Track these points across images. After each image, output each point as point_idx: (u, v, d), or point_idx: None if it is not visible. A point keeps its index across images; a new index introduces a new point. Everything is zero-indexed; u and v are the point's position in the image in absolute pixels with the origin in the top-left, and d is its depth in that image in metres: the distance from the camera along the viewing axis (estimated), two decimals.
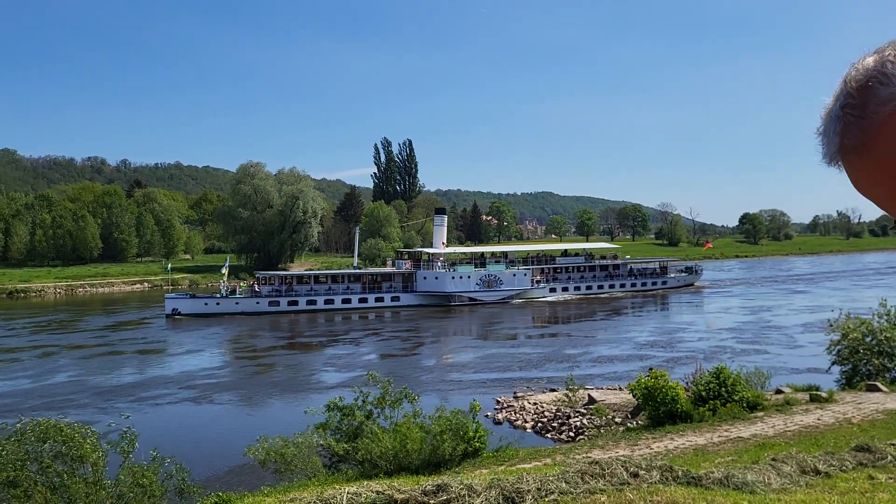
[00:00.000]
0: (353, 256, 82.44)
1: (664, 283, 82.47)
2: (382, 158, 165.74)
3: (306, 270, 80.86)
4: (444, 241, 77.17)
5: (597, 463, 9.53)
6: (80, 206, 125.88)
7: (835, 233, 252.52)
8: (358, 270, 71.59)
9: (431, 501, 7.96)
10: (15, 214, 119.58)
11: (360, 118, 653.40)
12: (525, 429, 23.87)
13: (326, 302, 64.96)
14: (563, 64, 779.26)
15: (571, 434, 22.52)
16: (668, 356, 37.79)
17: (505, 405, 26.98)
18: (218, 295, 63.97)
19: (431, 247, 76.24)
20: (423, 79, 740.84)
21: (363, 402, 16.27)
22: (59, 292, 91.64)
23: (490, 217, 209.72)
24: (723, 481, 9.61)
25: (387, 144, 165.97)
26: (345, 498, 7.94)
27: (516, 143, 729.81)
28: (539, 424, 24.11)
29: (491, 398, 28.17)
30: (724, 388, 19.56)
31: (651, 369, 24.89)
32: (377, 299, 66.69)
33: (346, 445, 14.88)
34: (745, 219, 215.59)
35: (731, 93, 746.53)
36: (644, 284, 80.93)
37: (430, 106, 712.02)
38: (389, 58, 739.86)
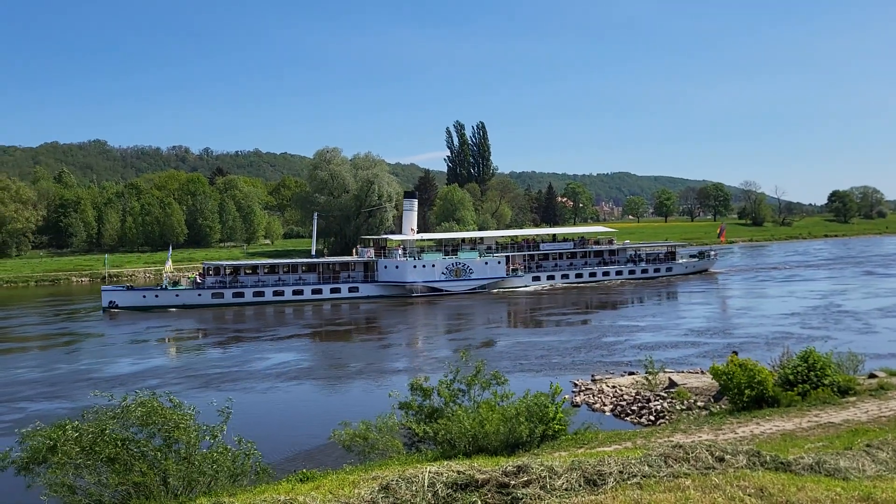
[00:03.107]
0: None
1: (669, 269, 75.20)
2: (455, 142, 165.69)
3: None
4: (414, 228, 70.56)
5: (680, 447, 9.35)
6: (166, 193, 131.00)
7: None
8: (314, 259, 66.58)
9: (512, 482, 7.97)
10: (107, 203, 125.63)
11: (435, 102, 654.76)
12: (604, 412, 23.65)
13: (276, 294, 61.16)
14: (639, 39, 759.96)
15: (652, 418, 22.19)
16: (727, 342, 35.80)
17: (583, 388, 26.81)
18: (158, 287, 61.41)
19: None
20: (497, 61, 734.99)
21: (452, 379, 16.24)
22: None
23: (565, 199, 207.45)
24: (814, 467, 9.31)
25: (459, 128, 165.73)
26: (427, 477, 8.03)
27: (592, 122, 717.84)
28: (618, 408, 23.85)
29: (567, 381, 28.00)
30: (813, 372, 18.89)
31: (734, 353, 24.27)
32: (333, 290, 62.51)
33: (426, 427, 15.06)
34: (835, 196, 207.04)
35: (819, 64, 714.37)
36: (645, 271, 73.73)
37: (504, 87, 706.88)
38: (462, 40, 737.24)
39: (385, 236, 72.40)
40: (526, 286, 67.56)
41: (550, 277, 69.50)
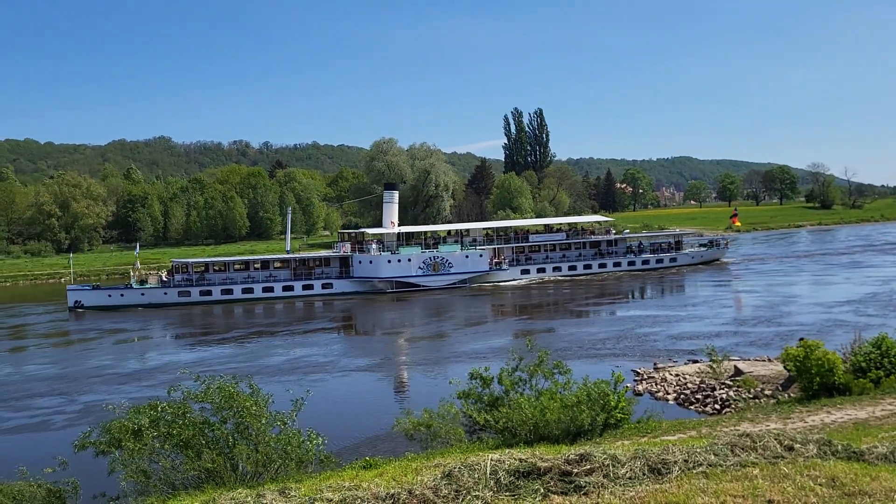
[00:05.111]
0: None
1: (673, 260, 70.35)
2: (513, 129, 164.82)
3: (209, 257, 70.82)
4: (394, 220, 67.11)
5: (747, 435, 9.17)
6: (228, 187, 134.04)
7: None
8: (287, 255, 64.10)
9: (575, 470, 7.95)
10: (172, 198, 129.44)
11: (491, 90, 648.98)
12: (667, 400, 23.34)
13: (245, 291, 59.28)
14: (702, 24, 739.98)
15: (717, 406, 21.80)
16: (774, 331, 34.68)
17: (645, 376, 26.49)
18: (124, 286, 60.40)
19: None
20: (554, 48, 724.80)
21: (515, 367, 16.15)
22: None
23: (625, 185, 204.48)
24: (888, 457, 9.02)
25: (517, 115, 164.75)
26: (489, 464, 8.07)
27: (651, 107, 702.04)
28: (682, 396, 23.49)
29: (628, 369, 27.68)
30: (887, 359, 18.26)
31: (802, 339, 23.61)
32: (305, 287, 59.98)
33: (486, 415, 15.11)
34: None
35: (890, 45, 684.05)
36: (646, 263, 68.99)
37: (562, 74, 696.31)
38: (518, 28, 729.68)
39: (363, 230, 69.38)
40: (513, 280, 64.40)
41: (541, 270, 66.03)
